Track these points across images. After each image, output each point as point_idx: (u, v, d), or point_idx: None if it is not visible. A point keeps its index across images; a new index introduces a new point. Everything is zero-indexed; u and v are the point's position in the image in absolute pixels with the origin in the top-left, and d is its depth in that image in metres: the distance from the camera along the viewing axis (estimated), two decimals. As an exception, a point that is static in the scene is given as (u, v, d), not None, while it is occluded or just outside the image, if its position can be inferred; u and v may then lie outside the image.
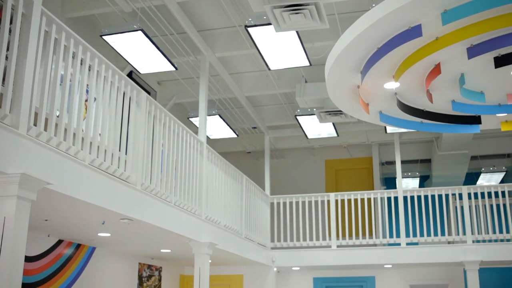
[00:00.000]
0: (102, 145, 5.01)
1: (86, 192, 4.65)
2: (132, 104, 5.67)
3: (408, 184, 13.69)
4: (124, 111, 5.52)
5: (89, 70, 4.86)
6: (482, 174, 13.36)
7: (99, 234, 6.95)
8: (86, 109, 4.90)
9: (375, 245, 10.96)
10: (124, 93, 5.51)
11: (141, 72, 7.98)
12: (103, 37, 6.85)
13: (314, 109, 9.27)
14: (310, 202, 11.11)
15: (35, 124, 4.01)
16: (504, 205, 10.48)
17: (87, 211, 5.27)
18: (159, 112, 6.25)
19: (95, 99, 4.99)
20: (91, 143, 4.82)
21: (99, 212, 5.25)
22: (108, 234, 6.93)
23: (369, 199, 11.03)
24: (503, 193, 10.46)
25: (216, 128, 10.46)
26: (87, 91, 4.86)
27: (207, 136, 10.44)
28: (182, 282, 11.21)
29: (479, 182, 13.70)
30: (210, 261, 7.69)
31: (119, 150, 5.35)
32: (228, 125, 10.38)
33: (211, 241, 7.45)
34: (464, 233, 10.28)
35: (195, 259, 7.39)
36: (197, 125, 8.18)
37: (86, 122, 4.83)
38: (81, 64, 4.73)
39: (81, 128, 4.67)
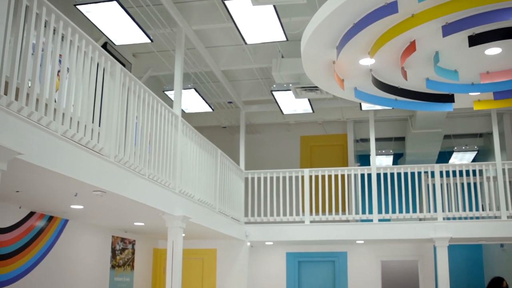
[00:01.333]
0: (75, 116, 4.96)
1: (58, 163, 4.61)
2: (106, 75, 5.60)
3: (382, 162, 13.84)
4: (98, 83, 5.45)
5: (62, 39, 4.78)
6: (454, 153, 13.56)
7: (71, 206, 6.91)
8: (58, 79, 4.83)
9: (347, 221, 11.08)
10: (98, 64, 5.44)
11: (116, 43, 7.88)
12: (77, 6, 6.74)
13: (290, 85, 9.27)
14: (284, 178, 11.16)
15: (5, 94, 3.94)
16: (475, 184, 10.68)
17: (59, 183, 5.23)
18: (133, 84, 6.18)
19: (68, 69, 4.92)
20: (63, 114, 4.76)
21: (71, 183, 5.22)
22: (81, 207, 6.90)
23: (343, 176, 11.11)
24: (474, 171, 10.65)
25: (192, 102, 10.41)
26: (59, 61, 4.78)
27: (182, 110, 10.39)
28: (156, 255, 11.24)
29: (451, 160, 13.89)
30: (183, 234, 7.71)
31: (92, 122, 5.30)
32: (203, 99, 10.34)
33: (185, 214, 7.46)
34: (435, 211, 10.45)
35: (169, 232, 7.40)
36: (172, 99, 8.13)
37: (59, 92, 4.77)
38: (54, 33, 4.65)
39: (53, 99, 4.61)
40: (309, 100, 10.08)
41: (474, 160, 13.70)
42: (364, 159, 14.02)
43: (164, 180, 6.99)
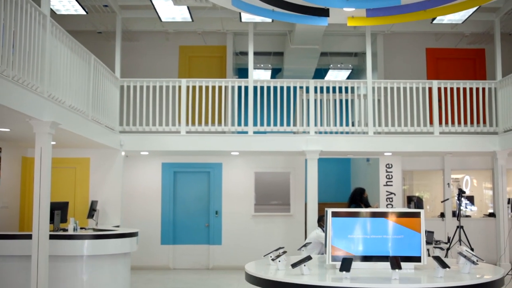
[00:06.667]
0: None
1: None
2: (-40, -37, 5.09)
3: (260, 76, 13.99)
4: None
5: None
6: (330, 70, 13.99)
7: None
8: None
9: (223, 132, 11.21)
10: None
11: None
12: None
13: (169, -10, 8.98)
14: (161, 87, 11.00)
15: None
16: (347, 100, 11.14)
17: None
18: (-6, -24, 5.68)
19: None
20: None
21: None
22: None
23: (220, 87, 11.13)
24: (346, 88, 11.08)
25: (63, 2, 9.81)
26: None
27: (53, 11, 9.80)
28: (25, 164, 10.82)
29: (326, 78, 14.32)
30: (53, 142, 7.43)
31: None
32: (76, 0, 9.75)
33: (54, 120, 7.16)
34: (308, 125, 10.83)
35: (36, 139, 7.09)
36: (41, -3, 7.59)
37: None
38: None
39: None
40: (188, 8, 9.85)
41: (348, 79, 14.20)
42: (242, 73, 14.09)
43: (31, 84, 6.62)
